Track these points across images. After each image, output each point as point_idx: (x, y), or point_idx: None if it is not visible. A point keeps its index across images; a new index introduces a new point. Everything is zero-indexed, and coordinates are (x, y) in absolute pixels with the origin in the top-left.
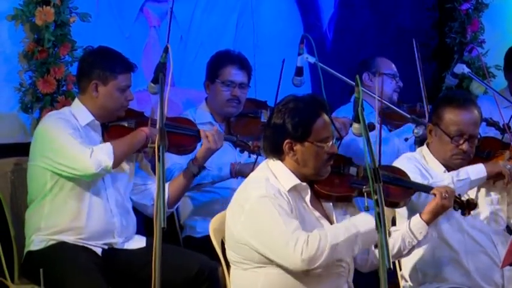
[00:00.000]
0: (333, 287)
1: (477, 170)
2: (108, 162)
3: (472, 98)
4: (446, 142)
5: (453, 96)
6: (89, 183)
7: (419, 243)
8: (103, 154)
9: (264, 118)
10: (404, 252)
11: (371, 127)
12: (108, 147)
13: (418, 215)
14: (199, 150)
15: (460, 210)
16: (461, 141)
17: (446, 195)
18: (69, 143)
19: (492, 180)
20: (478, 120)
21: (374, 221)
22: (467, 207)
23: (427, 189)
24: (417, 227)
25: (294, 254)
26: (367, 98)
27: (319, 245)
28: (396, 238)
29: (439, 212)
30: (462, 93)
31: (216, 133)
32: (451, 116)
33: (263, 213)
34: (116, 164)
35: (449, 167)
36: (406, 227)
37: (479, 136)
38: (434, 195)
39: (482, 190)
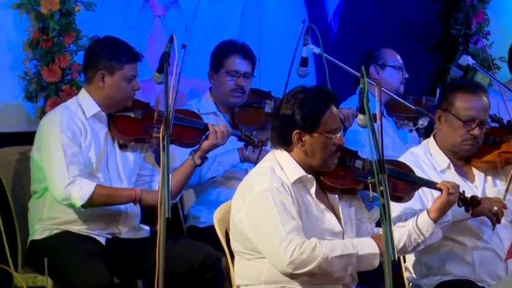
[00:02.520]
0: (337, 278)
1: (460, 212)
2: (78, 202)
3: (482, 85)
4: (457, 127)
5: (464, 82)
6: (93, 173)
7: (424, 241)
8: (79, 193)
9: (268, 108)
10: (409, 249)
11: (375, 118)
12: (88, 189)
13: (425, 212)
14: (205, 143)
15: (464, 207)
16: (472, 126)
17: (453, 190)
18: (57, 159)
19: (500, 170)
20: (488, 107)
21: (377, 248)
22: (471, 204)
23: (432, 184)
24: (424, 225)
25: (284, 255)
26: (372, 89)
27: (312, 251)
28: (402, 234)
29: (446, 209)
30: (471, 80)
31: (225, 129)
32: (463, 101)
33: (263, 209)
34: (87, 206)
35: (457, 155)
36: (413, 224)
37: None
38: (440, 190)
39: (489, 179)
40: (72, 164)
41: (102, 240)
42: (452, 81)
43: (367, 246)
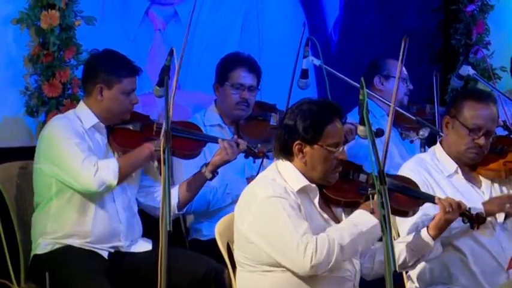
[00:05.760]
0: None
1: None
2: (113, 181)
3: (492, 95)
4: (463, 135)
5: (474, 90)
6: None
7: (424, 257)
8: (108, 173)
9: (273, 121)
10: (410, 264)
11: (379, 133)
12: (114, 165)
13: (425, 229)
14: (216, 158)
15: (469, 224)
16: (478, 135)
17: (450, 209)
18: (75, 156)
19: (505, 179)
20: (496, 117)
21: (374, 219)
22: (476, 221)
23: (432, 199)
24: (424, 242)
25: (304, 260)
26: (378, 100)
27: (328, 251)
28: (402, 250)
29: (444, 226)
30: (482, 89)
31: (234, 145)
32: (471, 110)
33: (272, 215)
34: (120, 182)
35: (462, 162)
36: (413, 240)
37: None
38: (442, 205)
39: (496, 186)
40: (90, 155)
41: (105, 254)
42: (464, 89)
43: (366, 220)
